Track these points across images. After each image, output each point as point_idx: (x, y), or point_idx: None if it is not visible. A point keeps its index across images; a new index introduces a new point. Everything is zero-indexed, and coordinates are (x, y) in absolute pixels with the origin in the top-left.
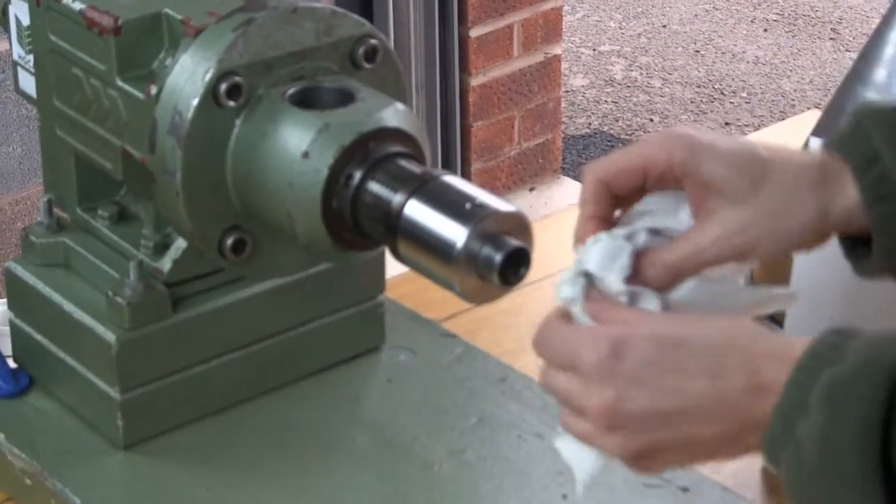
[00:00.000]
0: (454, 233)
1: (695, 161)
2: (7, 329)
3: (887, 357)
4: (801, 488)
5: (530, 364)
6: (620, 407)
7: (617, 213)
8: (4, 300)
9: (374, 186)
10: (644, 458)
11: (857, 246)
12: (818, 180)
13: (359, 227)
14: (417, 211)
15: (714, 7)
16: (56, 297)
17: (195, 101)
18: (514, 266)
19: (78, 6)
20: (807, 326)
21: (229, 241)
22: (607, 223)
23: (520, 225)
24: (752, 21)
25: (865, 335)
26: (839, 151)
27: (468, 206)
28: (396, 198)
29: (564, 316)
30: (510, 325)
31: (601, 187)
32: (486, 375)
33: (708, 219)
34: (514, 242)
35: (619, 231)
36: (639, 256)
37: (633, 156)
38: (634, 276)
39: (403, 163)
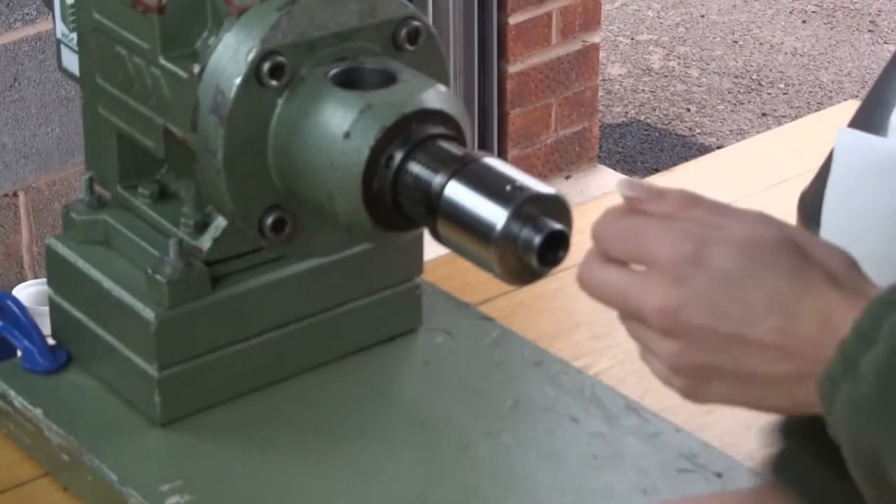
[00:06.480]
0: (494, 214)
1: None
2: (46, 309)
3: None
4: (855, 427)
5: (566, 348)
6: (680, 314)
7: None
8: (43, 280)
9: (415, 167)
10: (695, 379)
11: None
12: None
13: (399, 207)
14: (457, 192)
15: None
16: (96, 275)
17: (238, 81)
18: (553, 248)
19: None
20: None
21: (269, 220)
22: None
23: (559, 207)
24: (790, 12)
25: None
26: None
27: (508, 187)
28: (437, 179)
29: (632, 211)
30: (546, 310)
31: None
32: (523, 359)
33: None
34: (554, 225)
35: None
36: None
37: None
38: None
39: (444, 144)
